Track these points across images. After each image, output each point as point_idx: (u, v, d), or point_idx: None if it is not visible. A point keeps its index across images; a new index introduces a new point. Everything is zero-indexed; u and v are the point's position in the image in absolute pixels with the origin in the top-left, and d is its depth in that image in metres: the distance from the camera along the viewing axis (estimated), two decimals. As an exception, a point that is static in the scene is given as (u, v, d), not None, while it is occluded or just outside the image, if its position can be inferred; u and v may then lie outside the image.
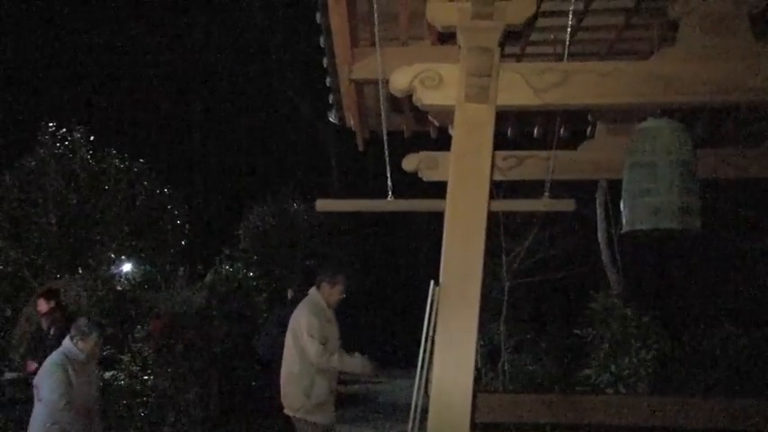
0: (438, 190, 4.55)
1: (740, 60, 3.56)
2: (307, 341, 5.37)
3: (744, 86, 3.51)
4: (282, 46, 23.19)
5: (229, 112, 23.90)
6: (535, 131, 6.13)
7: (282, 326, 7.26)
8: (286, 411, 5.54)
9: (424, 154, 5.81)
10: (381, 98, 4.45)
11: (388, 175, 4.94)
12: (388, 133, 4.90)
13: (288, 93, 23.19)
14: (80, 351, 5.41)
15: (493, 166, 3.73)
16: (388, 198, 5.16)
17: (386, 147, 4.71)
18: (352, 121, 5.57)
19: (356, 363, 5.52)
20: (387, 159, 4.79)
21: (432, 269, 3.71)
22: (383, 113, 4.58)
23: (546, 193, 5.58)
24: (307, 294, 5.67)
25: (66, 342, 5.47)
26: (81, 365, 5.42)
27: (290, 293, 8.25)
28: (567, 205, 5.80)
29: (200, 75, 23.76)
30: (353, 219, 16.16)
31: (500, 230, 10.38)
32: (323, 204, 5.64)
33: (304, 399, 5.36)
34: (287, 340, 5.60)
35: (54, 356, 5.43)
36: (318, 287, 5.64)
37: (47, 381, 5.29)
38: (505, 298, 10.55)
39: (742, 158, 5.47)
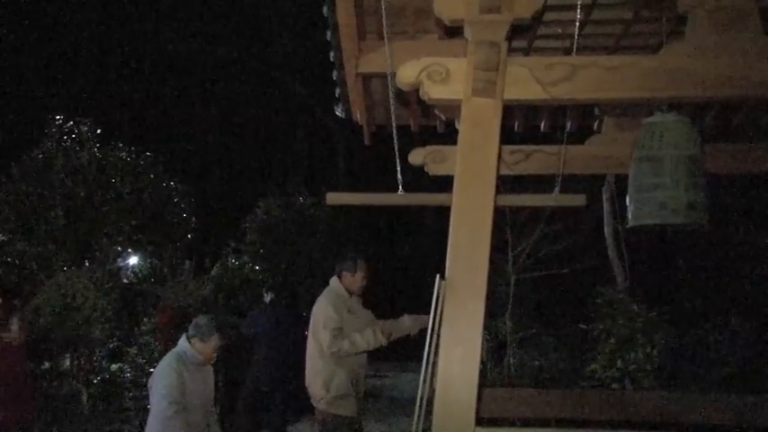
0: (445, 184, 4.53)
1: (749, 55, 3.53)
2: (321, 332, 5.40)
3: (753, 81, 3.49)
4: (289, 39, 23.17)
5: (236, 105, 23.90)
6: (542, 126, 6.11)
7: (264, 320, 7.24)
8: (311, 401, 5.60)
9: (430, 148, 5.77)
10: (390, 92, 4.43)
11: (398, 168, 4.90)
12: (396, 127, 4.88)
13: (294, 86, 23.18)
14: (197, 352, 4.83)
15: (499, 160, 3.71)
16: (399, 192, 5.14)
17: (395, 140, 4.68)
18: (358, 115, 5.55)
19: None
20: (396, 153, 4.77)
21: (438, 263, 3.70)
22: (392, 107, 4.56)
23: (556, 188, 5.55)
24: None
25: (182, 342, 4.89)
26: (197, 367, 4.86)
27: (267, 297, 8.12)
28: (578, 200, 5.74)
29: (207, 67, 23.76)
30: (360, 212, 16.15)
31: (506, 225, 10.38)
32: (333, 198, 5.61)
33: (324, 391, 5.40)
34: (310, 332, 5.63)
35: (168, 357, 4.85)
36: (339, 277, 5.64)
37: (158, 385, 4.73)
38: (511, 293, 10.55)
39: (750, 153, 5.44)
